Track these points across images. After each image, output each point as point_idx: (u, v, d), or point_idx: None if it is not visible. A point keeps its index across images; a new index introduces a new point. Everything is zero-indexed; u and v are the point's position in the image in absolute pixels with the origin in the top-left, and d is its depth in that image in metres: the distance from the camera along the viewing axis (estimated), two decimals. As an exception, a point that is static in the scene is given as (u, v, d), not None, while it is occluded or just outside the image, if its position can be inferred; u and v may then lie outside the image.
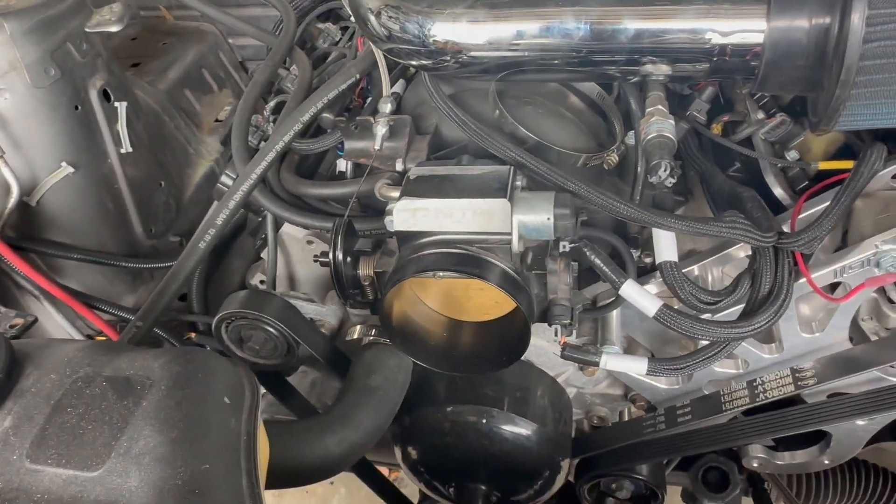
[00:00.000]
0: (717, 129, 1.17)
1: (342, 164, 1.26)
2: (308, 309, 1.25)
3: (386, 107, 1.16)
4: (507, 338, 1.00)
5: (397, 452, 1.23)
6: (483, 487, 1.16)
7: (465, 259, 0.91)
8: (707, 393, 1.13)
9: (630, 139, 1.13)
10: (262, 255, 1.35)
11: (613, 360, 0.97)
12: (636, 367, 0.95)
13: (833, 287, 0.99)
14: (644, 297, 0.90)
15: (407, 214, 0.93)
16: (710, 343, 0.93)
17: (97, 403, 0.61)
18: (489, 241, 0.93)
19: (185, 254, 1.10)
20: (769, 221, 0.95)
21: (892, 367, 1.04)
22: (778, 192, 1.07)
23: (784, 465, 1.28)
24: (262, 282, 1.32)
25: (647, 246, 1.07)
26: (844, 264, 0.91)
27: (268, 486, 1.25)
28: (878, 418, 1.12)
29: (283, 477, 0.94)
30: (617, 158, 1.11)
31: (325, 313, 1.25)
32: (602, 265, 0.92)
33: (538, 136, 1.06)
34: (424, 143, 1.14)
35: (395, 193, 0.97)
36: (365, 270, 1.05)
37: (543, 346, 1.17)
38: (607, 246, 1.07)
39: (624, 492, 1.31)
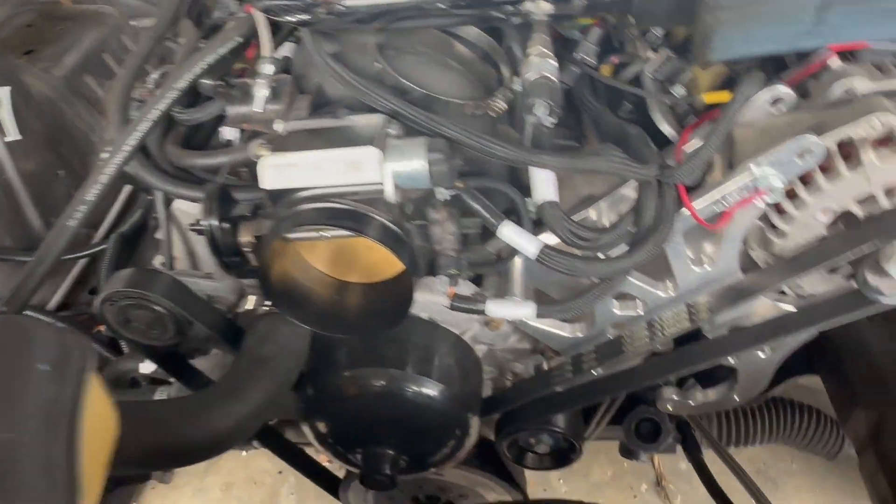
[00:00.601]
0: (606, 70, 1.16)
1: (228, 133, 1.20)
2: (204, 286, 1.19)
3: (266, 67, 1.11)
4: (397, 295, 0.97)
5: (305, 428, 1.19)
6: (391, 452, 1.14)
7: (338, 212, 0.87)
8: (611, 338, 1.12)
9: (518, 85, 1.10)
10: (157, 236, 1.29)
11: (500, 307, 0.94)
12: (524, 312, 0.93)
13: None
14: (524, 239, 0.88)
15: (274, 171, 0.89)
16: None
17: None
18: (364, 193, 0.89)
19: (52, 233, 1.04)
20: (651, 155, 0.94)
21: (783, 293, 1.05)
22: (665, 128, 1.06)
23: (697, 404, 1.28)
24: (162, 263, 1.27)
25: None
26: (724, 192, 0.90)
27: (149, 466, 1.20)
28: (778, 349, 1.13)
29: (165, 455, 0.90)
30: (504, 105, 1.08)
31: (221, 289, 1.20)
32: (480, 209, 0.90)
33: (420, 86, 1.03)
34: (306, 103, 1.09)
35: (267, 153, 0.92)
36: (245, 237, 1.00)
37: (445, 304, 1.15)
38: (506, 199, 1.04)
39: (543, 446, 1.30)
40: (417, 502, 1.51)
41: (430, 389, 1.10)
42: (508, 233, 0.88)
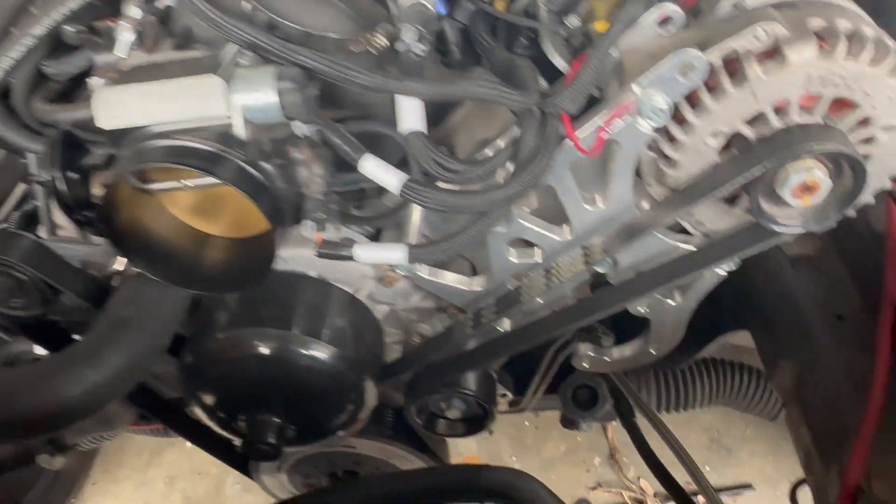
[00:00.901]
0: (501, 5, 1.08)
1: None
2: (77, 251, 1.10)
3: (133, 10, 1.02)
4: (261, 249, 0.89)
5: (190, 400, 1.10)
6: (276, 420, 1.06)
7: (181, 150, 0.79)
8: (512, 289, 1.05)
9: (401, 22, 1.02)
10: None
11: (368, 251, 0.87)
12: (394, 256, 0.85)
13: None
14: (386, 173, 0.80)
15: (109, 107, 0.80)
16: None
17: None
18: (212, 129, 0.81)
19: None
20: (533, 84, 0.87)
21: (688, 234, 0.98)
22: (557, 60, 0.99)
23: (613, 361, 1.22)
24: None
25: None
26: (606, 117, 0.83)
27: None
28: (689, 295, 1.06)
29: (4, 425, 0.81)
30: (385, 42, 1.00)
31: (93, 253, 1.10)
32: (340, 143, 0.82)
33: (295, 23, 0.95)
34: (170, 44, 1.00)
35: (111, 91, 0.83)
36: (99, 188, 0.91)
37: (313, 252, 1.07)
38: (398, 147, 0.97)
39: (454, 411, 1.22)
40: (336, 478, 1.43)
41: (319, 351, 1.02)
42: (370, 167, 0.80)
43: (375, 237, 1.07)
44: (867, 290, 1.18)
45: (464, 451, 2.65)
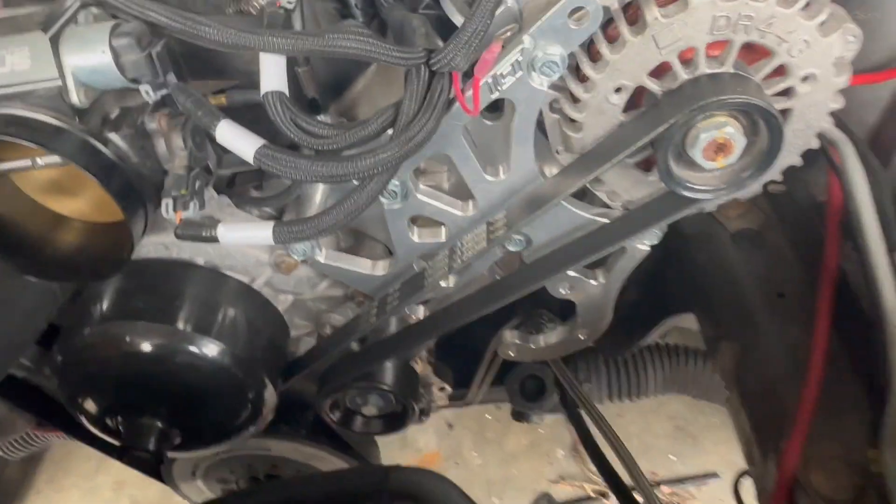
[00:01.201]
0: (400, -39, 0.98)
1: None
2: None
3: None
4: (122, 232, 0.79)
5: (68, 407, 1.00)
6: (158, 424, 0.95)
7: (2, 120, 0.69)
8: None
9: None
10: None
11: (232, 231, 0.77)
12: (259, 235, 0.75)
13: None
14: (242, 140, 0.70)
15: (-79, 72, 0.70)
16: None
17: None
18: (43, 94, 0.71)
19: None
20: (419, 40, 0.77)
21: (607, 207, 0.89)
22: (456, 18, 0.89)
23: (539, 348, 1.13)
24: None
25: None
26: (496, 72, 0.74)
27: None
28: (612, 276, 0.98)
29: None
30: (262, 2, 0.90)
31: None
32: (192, 107, 0.72)
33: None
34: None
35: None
36: (-64, 169, 0.81)
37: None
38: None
39: (371, 407, 1.13)
40: (258, 481, 1.34)
41: (204, 348, 0.92)
42: (225, 134, 0.70)
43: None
44: (810, 264, 1.10)
45: (423, 447, 2.57)
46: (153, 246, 0.94)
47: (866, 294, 0.92)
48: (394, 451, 2.53)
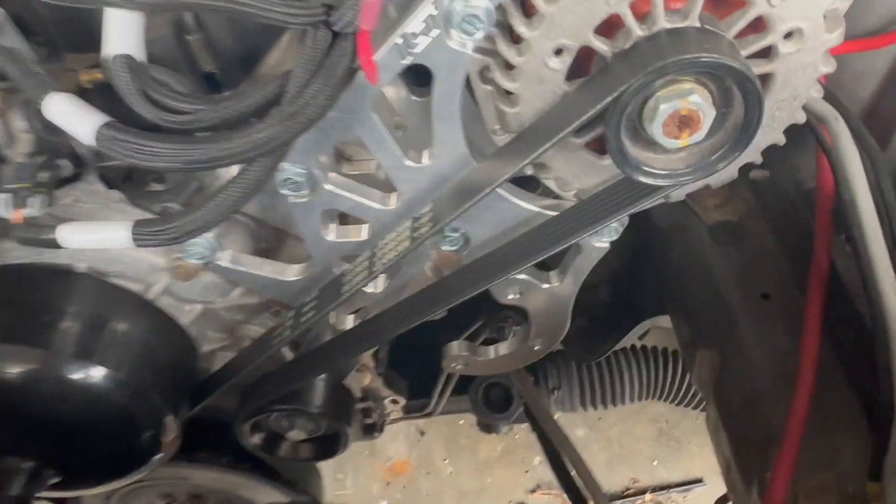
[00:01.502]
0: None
1: None
2: None
3: None
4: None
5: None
6: (24, 464, 0.80)
7: None
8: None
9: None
10: None
11: (78, 233, 0.62)
12: (113, 238, 0.61)
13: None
14: (77, 117, 0.55)
15: None
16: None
17: None
18: None
19: None
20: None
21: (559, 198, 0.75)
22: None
23: (489, 361, 0.98)
24: None
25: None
26: (405, 31, 0.59)
27: None
28: (570, 278, 0.84)
29: None
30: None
31: None
32: (18, 75, 0.57)
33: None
34: None
35: None
36: None
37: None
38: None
39: (299, 431, 0.98)
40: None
41: (82, 374, 0.76)
42: (56, 110, 0.55)
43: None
44: (797, 261, 0.97)
45: (393, 455, 2.43)
46: (21, 250, 0.79)
47: (863, 295, 0.79)
48: (362, 460, 2.39)
